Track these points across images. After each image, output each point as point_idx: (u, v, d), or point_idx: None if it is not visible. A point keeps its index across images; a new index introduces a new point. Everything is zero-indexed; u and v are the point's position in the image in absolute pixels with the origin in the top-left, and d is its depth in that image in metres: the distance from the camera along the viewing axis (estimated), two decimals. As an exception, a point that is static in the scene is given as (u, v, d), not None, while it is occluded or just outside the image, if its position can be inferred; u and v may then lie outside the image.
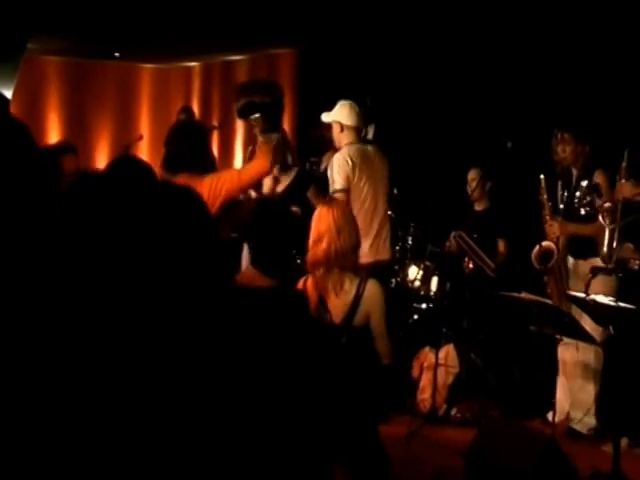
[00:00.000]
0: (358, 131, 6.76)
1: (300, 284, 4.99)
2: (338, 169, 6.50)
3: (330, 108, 6.84)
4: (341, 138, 6.68)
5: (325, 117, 6.82)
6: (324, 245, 4.90)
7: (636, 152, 6.20)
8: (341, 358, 4.71)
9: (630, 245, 4.64)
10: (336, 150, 6.74)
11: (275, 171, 6.65)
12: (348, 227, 4.99)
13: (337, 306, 4.88)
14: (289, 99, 9.40)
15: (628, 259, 4.37)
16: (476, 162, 7.86)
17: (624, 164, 6.17)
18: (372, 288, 4.92)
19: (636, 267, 4.29)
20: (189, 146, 5.48)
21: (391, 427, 6.17)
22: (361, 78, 9.13)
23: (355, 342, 4.84)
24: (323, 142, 7.33)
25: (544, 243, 6.61)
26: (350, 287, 4.90)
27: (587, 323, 5.55)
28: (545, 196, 6.71)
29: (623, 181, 6.08)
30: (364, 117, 7.60)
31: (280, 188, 7.41)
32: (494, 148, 7.82)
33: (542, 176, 6.72)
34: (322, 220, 4.99)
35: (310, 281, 4.99)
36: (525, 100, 7.97)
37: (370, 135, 8.86)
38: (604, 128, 6.89)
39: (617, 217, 5.99)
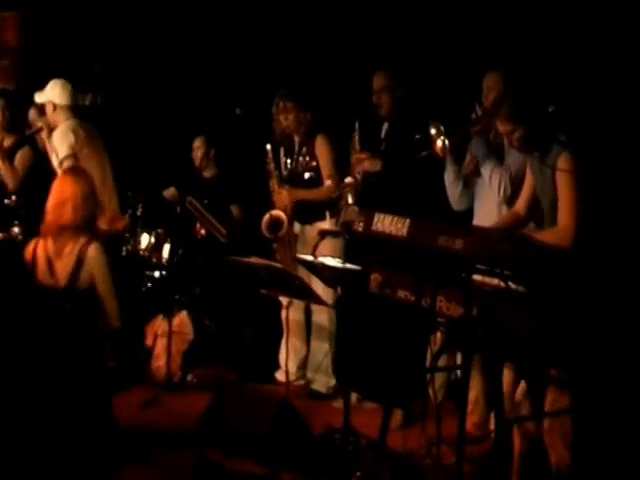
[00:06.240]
0: (72, 109, 6.75)
1: (29, 248, 5.19)
2: (61, 141, 6.54)
3: (54, 73, 6.76)
4: (55, 117, 6.71)
5: (38, 97, 6.80)
6: (68, 210, 5.08)
7: (365, 122, 6.38)
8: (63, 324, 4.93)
9: (355, 208, 4.77)
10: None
11: None
12: (93, 195, 5.23)
13: (62, 269, 5.07)
14: (13, 63, 9.09)
15: (353, 221, 4.47)
16: (201, 130, 7.87)
17: (356, 137, 6.33)
18: (93, 251, 5.08)
19: (360, 229, 4.39)
20: None
21: (127, 396, 6.14)
22: (86, 43, 8.93)
23: (80, 305, 5.03)
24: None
25: (273, 212, 6.68)
26: (73, 250, 5.07)
27: (319, 286, 5.68)
28: (272, 165, 6.80)
29: (363, 156, 6.24)
30: (87, 85, 7.50)
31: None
32: (221, 115, 7.87)
33: (268, 146, 6.79)
34: (67, 186, 5.16)
35: (40, 245, 5.15)
36: (252, 68, 8.01)
37: (87, 102, 8.75)
38: (326, 94, 7.05)
39: (358, 189, 6.20)
